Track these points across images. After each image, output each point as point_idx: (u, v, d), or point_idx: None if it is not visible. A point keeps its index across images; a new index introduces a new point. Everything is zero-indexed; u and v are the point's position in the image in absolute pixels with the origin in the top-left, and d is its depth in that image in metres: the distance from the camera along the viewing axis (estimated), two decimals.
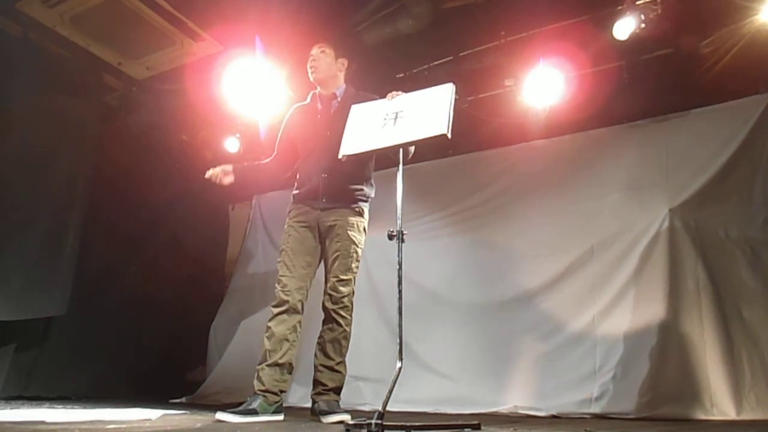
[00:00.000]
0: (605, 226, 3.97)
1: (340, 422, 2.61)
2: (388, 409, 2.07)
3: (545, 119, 4.22)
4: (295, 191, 3.02)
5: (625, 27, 3.64)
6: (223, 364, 5.08)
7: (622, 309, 3.73)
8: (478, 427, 2.36)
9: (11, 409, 3.08)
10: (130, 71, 4.51)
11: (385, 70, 4.43)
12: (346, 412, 2.78)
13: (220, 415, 2.56)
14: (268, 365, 2.73)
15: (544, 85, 4.04)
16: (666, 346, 3.51)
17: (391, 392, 2.12)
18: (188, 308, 5.23)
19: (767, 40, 3.52)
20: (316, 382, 2.86)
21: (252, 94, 4.32)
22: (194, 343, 5.36)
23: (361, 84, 3.17)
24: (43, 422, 2.34)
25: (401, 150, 2.49)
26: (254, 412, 2.61)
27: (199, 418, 2.82)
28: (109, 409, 3.22)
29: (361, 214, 2.95)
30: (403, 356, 2.27)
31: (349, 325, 2.89)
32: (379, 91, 2.83)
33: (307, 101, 3.13)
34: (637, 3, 3.60)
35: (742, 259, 3.57)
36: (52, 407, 3.27)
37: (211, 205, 5.88)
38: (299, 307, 2.83)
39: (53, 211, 4.12)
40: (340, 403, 2.88)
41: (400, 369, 2.21)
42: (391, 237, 2.38)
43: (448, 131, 2.38)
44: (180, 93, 4.69)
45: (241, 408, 2.63)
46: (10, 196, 3.87)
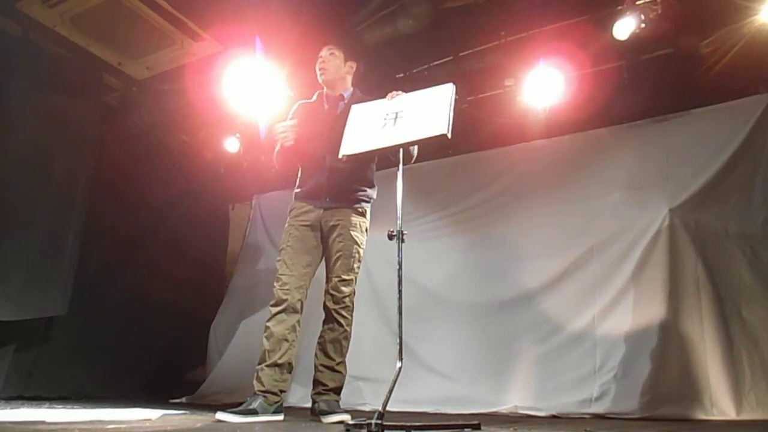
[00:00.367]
0: (605, 226, 3.96)
1: (340, 422, 2.61)
2: (388, 409, 2.07)
3: (545, 119, 4.22)
4: (297, 189, 3.01)
5: (625, 27, 3.64)
6: (223, 364, 5.08)
7: (622, 309, 3.73)
8: (478, 427, 2.35)
9: (11, 409, 3.07)
10: (130, 71, 4.52)
11: (385, 70, 4.43)
12: (346, 412, 2.78)
13: (220, 415, 2.56)
14: (267, 365, 2.73)
15: (544, 85, 4.04)
16: (666, 346, 3.51)
17: (391, 392, 2.12)
18: (188, 308, 5.22)
19: (767, 40, 3.52)
20: (317, 382, 2.86)
21: (252, 94, 4.32)
22: (194, 343, 5.36)
23: (361, 83, 3.16)
24: (43, 422, 2.34)
25: (401, 150, 2.50)
26: (254, 412, 2.61)
27: (199, 418, 2.82)
28: (109, 409, 3.22)
29: (363, 214, 2.95)
30: (403, 356, 2.27)
31: (350, 325, 2.89)
32: (379, 91, 2.82)
33: (313, 100, 3.12)
34: (637, 3, 3.60)
35: (742, 258, 3.57)
36: (52, 407, 3.27)
37: (211, 205, 5.89)
38: (298, 306, 2.83)
39: (53, 211, 4.12)
40: (340, 403, 2.88)
41: (400, 369, 2.21)
42: (391, 237, 2.38)
43: (448, 131, 2.38)
44: (180, 93, 4.69)
45: (241, 408, 2.63)
46: (10, 196, 3.87)
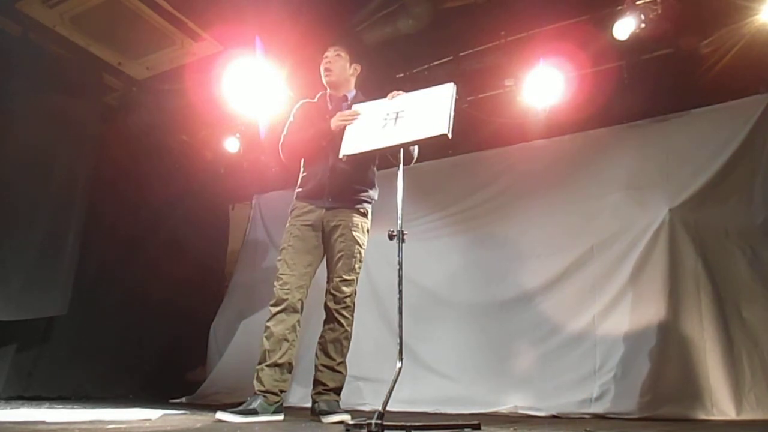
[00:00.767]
0: (605, 226, 3.96)
1: (340, 422, 2.61)
2: (388, 409, 2.07)
3: (545, 119, 4.22)
4: (299, 189, 3.01)
5: (625, 27, 3.64)
6: (223, 364, 5.07)
7: (622, 309, 3.73)
8: (478, 427, 2.35)
9: (11, 409, 3.07)
10: (130, 71, 4.51)
11: (385, 70, 4.43)
12: (346, 412, 2.78)
13: (220, 415, 2.56)
14: (267, 365, 2.73)
15: (544, 85, 4.04)
16: (666, 346, 3.51)
17: (391, 392, 2.12)
18: (188, 308, 5.22)
19: (767, 40, 3.52)
20: (317, 382, 2.87)
21: (252, 94, 4.32)
22: (194, 343, 5.36)
23: (361, 83, 3.16)
24: (43, 422, 2.34)
25: (401, 150, 2.50)
26: (254, 412, 2.61)
27: (199, 418, 2.81)
28: (109, 409, 3.22)
29: (365, 215, 2.96)
30: (403, 356, 2.27)
31: (351, 326, 2.90)
32: (380, 91, 2.82)
33: (316, 100, 3.12)
34: (637, 3, 3.60)
35: (742, 258, 3.57)
36: (52, 407, 3.27)
37: (211, 205, 5.89)
38: (298, 306, 2.83)
39: (53, 211, 4.12)
40: (340, 403, 2.89)
41: (400, 369, 2.22)
42: (391, 237, 2.38)
43: (448, 131, 2.38)
44: (180, 93, 4.69)
45: (241, 408, 2.63)
46: (10, 196, 3.87)
